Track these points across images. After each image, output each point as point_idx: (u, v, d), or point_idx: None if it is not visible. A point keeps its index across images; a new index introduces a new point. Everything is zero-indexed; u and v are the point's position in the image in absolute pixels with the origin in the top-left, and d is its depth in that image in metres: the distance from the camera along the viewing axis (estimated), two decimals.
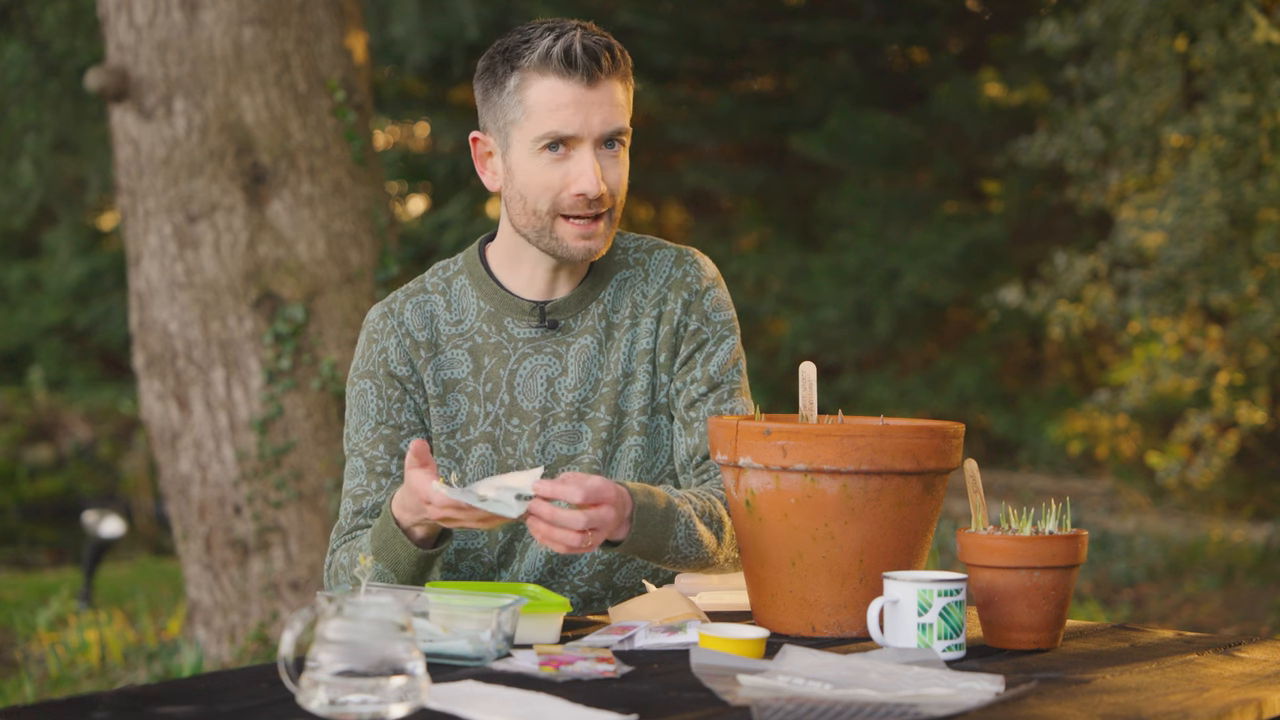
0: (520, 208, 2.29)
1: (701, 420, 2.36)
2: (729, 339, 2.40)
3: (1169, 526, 8.43)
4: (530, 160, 2.25)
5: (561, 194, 2.25)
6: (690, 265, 2.40)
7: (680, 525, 2.20)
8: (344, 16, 5.49)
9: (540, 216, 2.27)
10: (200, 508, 5.36)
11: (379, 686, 1.62)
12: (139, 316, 5.44)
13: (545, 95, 2.23)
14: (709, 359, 2.38)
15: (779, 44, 11.83)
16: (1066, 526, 2.09)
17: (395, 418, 2.34)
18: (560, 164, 2.24)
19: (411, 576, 2.19)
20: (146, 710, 1.68)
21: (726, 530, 2.27)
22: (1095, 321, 8.01)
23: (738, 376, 2.40)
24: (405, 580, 2.20)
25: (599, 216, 2.27)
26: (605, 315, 2.37)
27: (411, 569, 2.18)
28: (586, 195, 2.24)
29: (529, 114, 2.24)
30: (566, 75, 2.22)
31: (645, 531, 2.15)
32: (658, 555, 2.20)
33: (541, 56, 2.22)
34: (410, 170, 12.86)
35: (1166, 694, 1.81)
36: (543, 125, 2.23)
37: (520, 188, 2.28)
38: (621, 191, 2.30)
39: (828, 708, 1.66)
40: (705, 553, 2.25)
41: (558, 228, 2.27)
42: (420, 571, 2.19)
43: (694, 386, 2.37)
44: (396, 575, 2.19)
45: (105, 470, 13.30)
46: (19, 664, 5.94)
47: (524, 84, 2.24)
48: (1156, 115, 7.67)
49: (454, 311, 2.37)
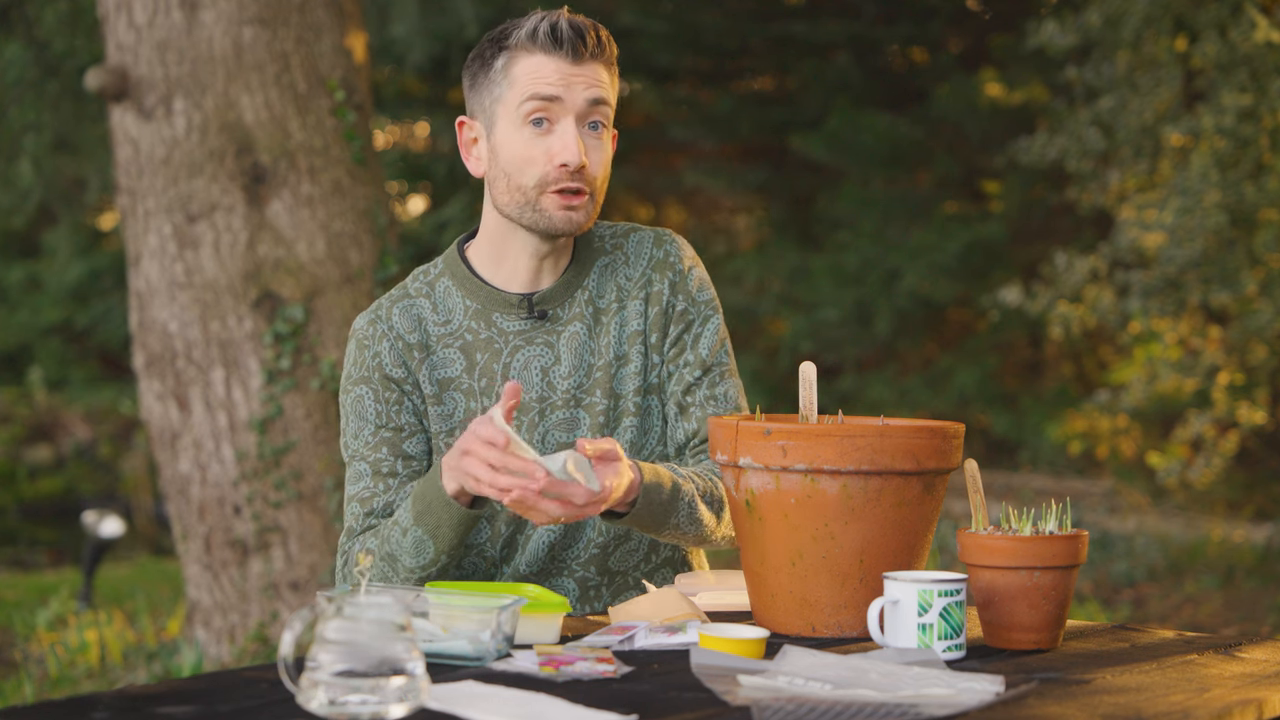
0: (504, 185, 2.32)
1: (698, 405, 2.40)
2: (713, 318, 2.44)
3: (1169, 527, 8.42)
4: (515, 134, 2.29)
5: (546, 166, 2.28)
6: (670, 245, 2.44)
7: (684, 504, 2.24)
8: (344, 16, 5.49)
9: (525, 191, 2.30)
10: (200, 508, 5.36)
11: (379, 687, 1.62)
12: (139, 316, 5.44)
13: (531, 67, 2.28)
14: (697, 340, 2.42)
15: (779, 44, 11.83)
16: (1067, 527, 2.09)
17: (395, 419, 2.34)
18: (543, 138, 2.28)
19: (451, 543, 2.20)
20: (146, 710, 1.67)
21: (726, 510, 2.31)
22: (1095, 321, 8.01)
23: (726, 358, 2.44)
24: (444, 547, 2.20)
25: (579, 193, 2.30)
26: (591, 301, 2.40)
27: (451, 533, 2.19)
28: (569, 166, 2.27)
29: (513, 85, 2.29)
30: (552, 50, 2.27)
31: (650, 509, 2.20)
32: (657, 531, 2.25)
33: (529, 34, 2.29)
34: (410, 170, 12.85)
35: (1167, 694, 1.81)
36: (526, 89, 2.27)
37: (505, 164, 2.31)
38: (603, 174, 2.33)
39: (828, 708, 1.66)
40: (704, 531, 2.29)
41: (542, 201, 2.30)
42: (459, 536, 2.20)
43: (687, 370, 2.40)
44: (435, 541, 2.20)
45: (105, 470, 13.30)
46: (18, 664, 5.94)
47: (511, 61, 2.30)
48: (1157, 115, 7.67)
49: (441, 313, 2.39)
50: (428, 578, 2.24)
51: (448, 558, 2.22)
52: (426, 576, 2.24)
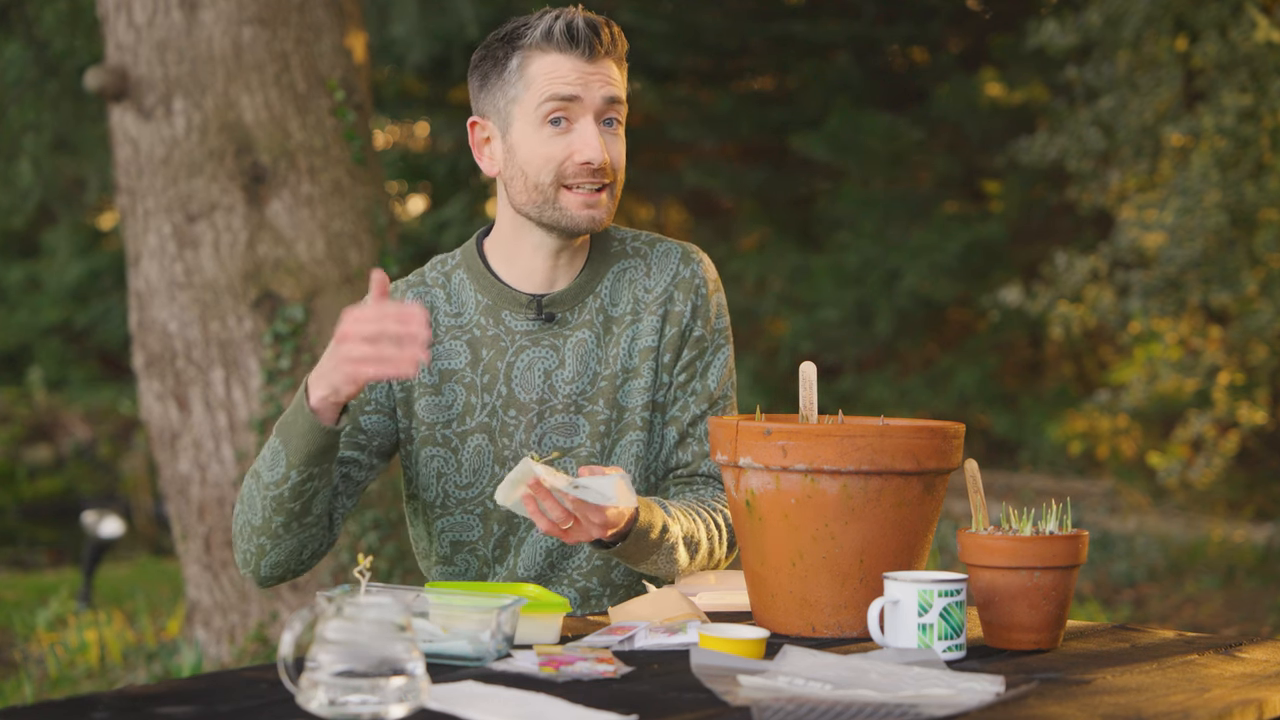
0: (522, 185, 2.31)
1: (697, 440, 2.41)
2: (724, 348, 2.44)
3: (1170, 527, 8.42)
4: (534, 134, 2.29)
5: (565, 164, 2.28)
6: (697, 265, 2.43)
7: (666, 547, 2.25)
8: (343, 16, 5.49)
9: (543, 190, 2.30)
10: (200, 508, 5.36)
11: (378, 687, 1.62)
12: (138, 316, 5.44)
13: (548, 67, 2.28)
14: (707, 370, 2.42)
15: (779, 44, 11.83)
16: (1067, 527, 2.09)
17: (368, 391, 2.34)
18: (563, 136, 2.28)
19: (301, 455, 2.16)
20: (146, 711, 1.67)
21: (701, 552, 2.33)
22: (1096, 321, 8.01)
23: (730, 391, 2.46)
24: (295, 460, 2.16)
25: (602, 188, 2.31)
26: (603, 309, 2.39)
27: (302, 442, 2.15)
28: (591, 163, 2.27)
29: (530, 86, 2.28)
30: (568, 49, 2.27)
31: (637, 545, 2.21)
32: (635, 564, 2.27)
33: (544, 33, 2.28)
34: (410, 170, 12.86)
35: (1167, 694, 1.81)
36: (544, 91, 2.27)
37: (522, 163, 2.31)
38: (622, 167, 2.34)
39: (828, 708, 1.66)
40: (675, 569, 2.31)
41: (561, 198, 2.30)
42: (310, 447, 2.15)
43: (693, 401, 2.41)
44: (287, 452, 2.16)
45: (105, 470, 13.29)
46: (18, 664, 5.93)
47: (526, 61, 2.29)
48: (1157, 115, 7.67)
49: (453, 304, 2.39)
50: (280, 497, 2.19)
51: (298, 474, 2.17)
52: (279, 496, 2.19)
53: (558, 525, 2.08)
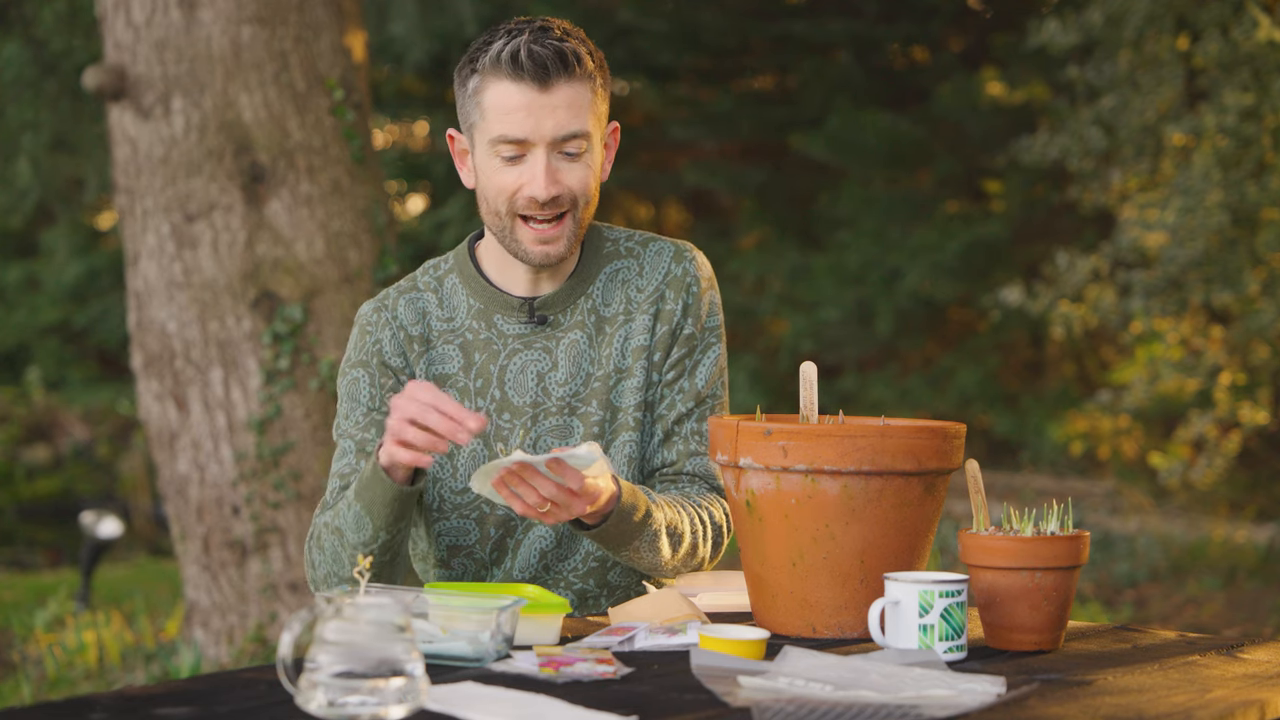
0: (485, 208, 2.32)
1: (682, 438, 2.40)
2: (715, 347, 2.42)
3: (1171, 527, 8.42)
4: (488, 162, 2.28)
5: (516, 196, 2.27)
6: (689, 263, 2.41)
7: (649, 533, 2.24)
8: (342, 15, 5.48)
9: (501, 218, 2.30)
10: (198, 508, 5.35)
11: (378, 688, 1.61)
12: (137, 316, 5.43)
13: (499, 98, 2.25)
14: (696, 368, 2.41)
15: (779, 43, 11.83)
16: (1068, 527, 2.08)
17: (387, 405, 2.33)
18: (514, 167, 2.27)
19: (386, 519, 2.19)
20: (144, 712, 1.67)
21: (684, 546, 2.31)
22: (1097, 321, 8.00)
23: (720, 391, 2.43)
24: (380, 524, 2.19)
25: (560, 217, 2.29)
26: (595, 310, 2.38)
27: (385, 509, 2.18)
28: (536, 199, 2.25)
29: (484, 116, 2.27)
30: (516, 79, 2.23)
31: (619, 527, 2.20)
32: (616, 551, 2.25)
33: (494, 60, 2.24)
34: (409, 169, 12.86)
35: (1169, 695, 1.80)
36: (494, 128, 2.26)
37: (483, 188, 2.31)
38: (587, 191, 2.29)
39: (828, 709, 1.66)
40: (659, 561, 2.29)
41: (517, 230, 2.30)
42: (394, 513, 2.19)
43: (680, 399, 2.40)
44: (371, 517, 2.19)
45: (103, 471, 13.29)
46: (16, 665, 5.93)
47: (481, 86, 2.27)
48: (1159, 114, 7.66)
49: (446, 309, 2.39)
50: (372, 554, 2.23)
51: (387, 534, 2.21)
52: (371, 553, 2.23)
53: (535, 508, 2.07)
